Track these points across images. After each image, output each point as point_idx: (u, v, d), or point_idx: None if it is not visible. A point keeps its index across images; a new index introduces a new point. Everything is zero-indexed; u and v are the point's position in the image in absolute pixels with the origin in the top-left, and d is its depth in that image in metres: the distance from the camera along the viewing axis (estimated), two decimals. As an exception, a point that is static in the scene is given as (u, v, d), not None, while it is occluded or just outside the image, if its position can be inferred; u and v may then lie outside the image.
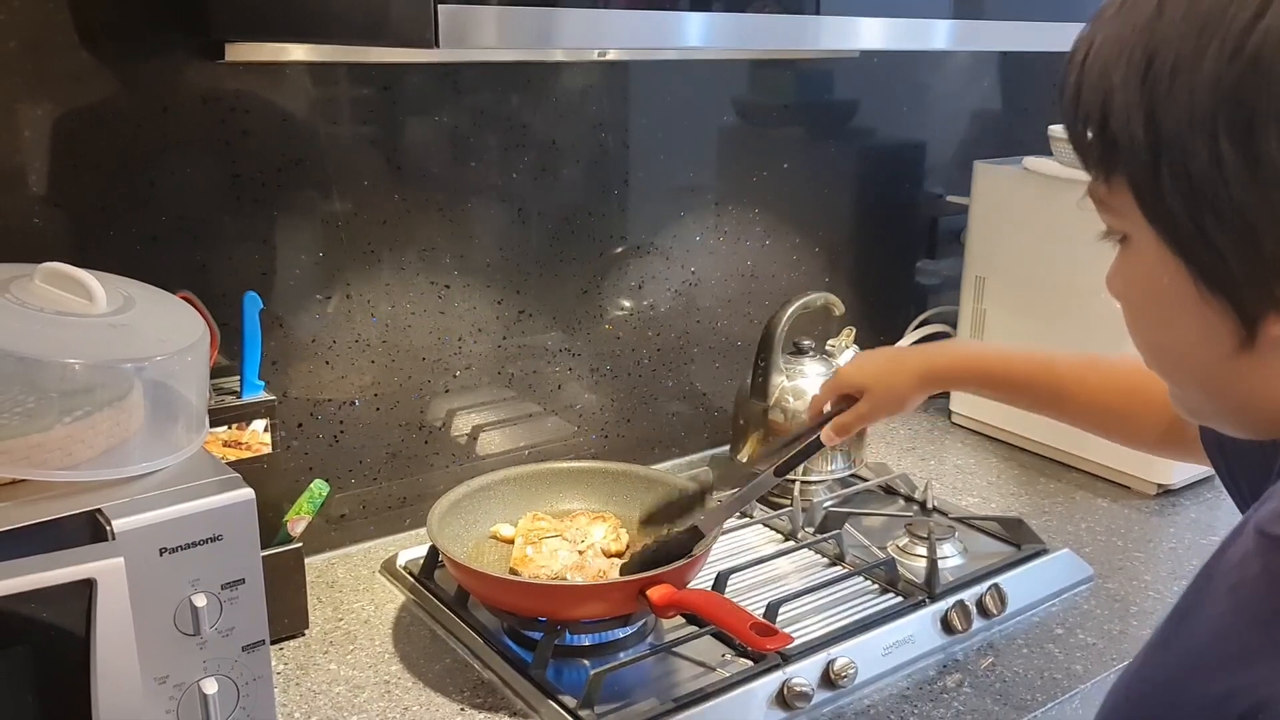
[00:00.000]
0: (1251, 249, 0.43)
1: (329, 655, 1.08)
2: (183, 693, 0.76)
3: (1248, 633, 0.49)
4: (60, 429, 0.74)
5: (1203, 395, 0.52)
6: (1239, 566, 0.53)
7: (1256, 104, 0.42)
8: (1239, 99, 0.42)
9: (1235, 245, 0.44)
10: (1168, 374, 0.53)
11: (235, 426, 1.06)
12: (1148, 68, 0.44)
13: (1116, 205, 0.48)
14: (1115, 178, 0.47)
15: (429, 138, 1.25)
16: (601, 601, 1.04)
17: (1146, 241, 0.47)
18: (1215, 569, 0.56)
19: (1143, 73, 0.44)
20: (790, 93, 1.58)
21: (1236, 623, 0.51)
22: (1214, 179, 0.43)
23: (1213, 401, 0.52)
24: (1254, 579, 0.51)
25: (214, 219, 1.13)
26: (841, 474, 1.42)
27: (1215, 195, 0.43)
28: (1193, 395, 0.53)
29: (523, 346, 1.38)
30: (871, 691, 1.03)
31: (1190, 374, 0.51)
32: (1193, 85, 0.43)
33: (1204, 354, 0.48)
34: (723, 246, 1.54)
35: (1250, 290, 0.45)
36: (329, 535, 1.28)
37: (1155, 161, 0.45)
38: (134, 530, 0.72)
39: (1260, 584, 0.51)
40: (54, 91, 1.02)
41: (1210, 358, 0.48)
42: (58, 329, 0.77)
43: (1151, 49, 0.44)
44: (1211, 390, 0.51)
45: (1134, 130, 0.45)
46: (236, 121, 1.11)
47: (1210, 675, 0.50)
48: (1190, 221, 0.45)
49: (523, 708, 0.99)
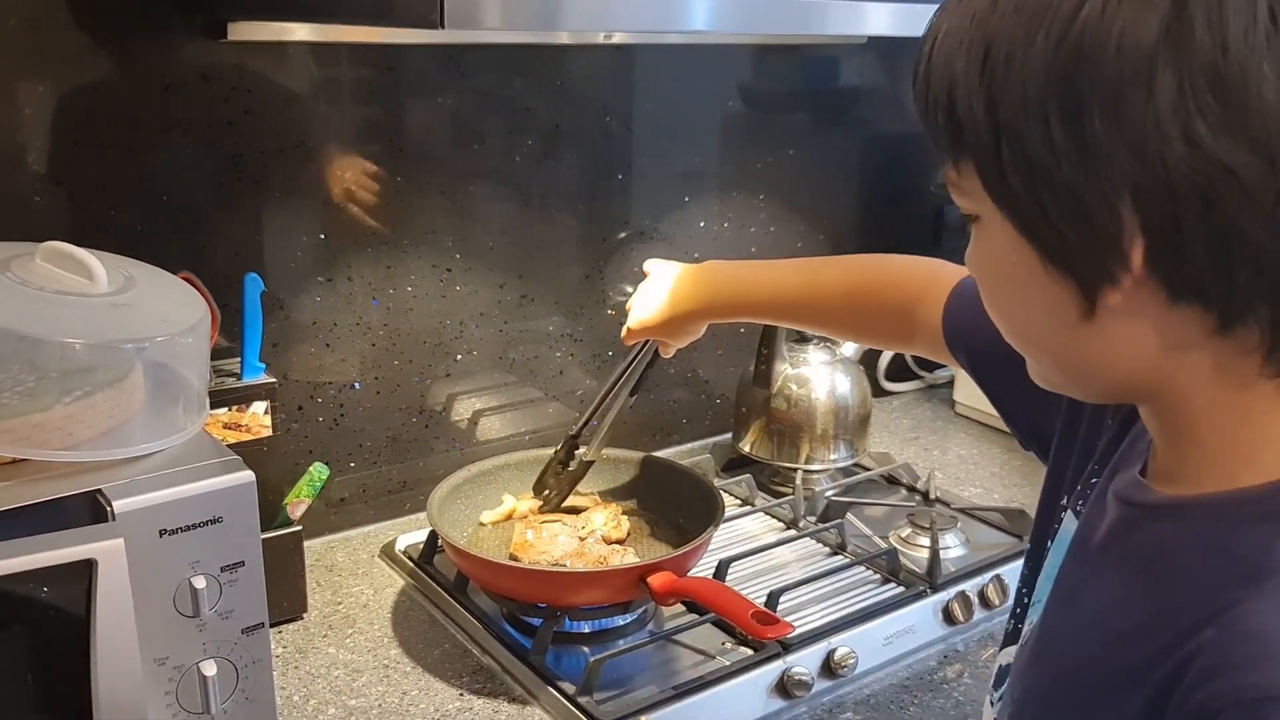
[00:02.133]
0: (1085, 225, 0.46)
1: (328, 639, 1.07)
2: (182, 674, 0.75)
3: (1148, 600, 0.52)
4: (60, 409, 0.73)
5: (1055, 365, 0.55)
6: (1114, 538, 0.56)
7: (1081, 88, 0.44)
8: (1066, 84, 0.45)
9: (1071, 222, 0.47)
10: (1023, 346, 0.56)
11: (236, 408, 1.05)
12: (985, 57, 0.47)
13: (967, 188, 0.51)
14: (963, 162, 0.50)
15: (432, 120, 1.24)
16: (601, 588, 1.04)
17: (995, 222, 0.50)
18: (1088, 547, 0.58)
19: (981, 62, 0.47)
20: (796, 79, 1.57)
21: (1132, 593, 0.53)
22: (1048, 160, 0.46)
23: (1064, 371, 0.55)
24: (1136, 548, 0.54)
25: (215, 199, 1.12)
26: (844, 463, 1.41)
27: (1050, 175, 0.46)
28: (1046, 366, 0.56)
29: (524, 331, 1.38)
30: (872, 681, 1.03)
31: (1042, 346, 0.55)
32: (1025, 73, 0.46)
33: (1052, 326, 0.51)
34: (727, 233, 1.53)
35: (1087, 264, 0.47)
36: (329, 519, 1.27)
37: (996, 145, 0.47)
38: (134, 511, 0.71)
39: (1145, 552, 0.54)
40: (55, 70, 1.01)
41: (1058, 329, 0.51)
42: (58, 308, 0.77)
43: (988, 39, 0.47)
44: (1062, 361, 0.54)
45: (976, 116, 0.48)
46: (238, 101, 1.11)
47: (1122, 648, 0.52)
48: (1030, 201, 0.47)
49: (521, 693, 0.99)
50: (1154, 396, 0.53)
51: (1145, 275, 0.46)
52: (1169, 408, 0.52)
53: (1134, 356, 0.50)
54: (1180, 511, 0.52)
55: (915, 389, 1.82)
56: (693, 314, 1.04)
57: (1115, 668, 0.52)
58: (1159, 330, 0.48)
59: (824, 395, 1.38)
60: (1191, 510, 0.52)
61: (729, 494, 1.35)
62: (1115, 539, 0.56)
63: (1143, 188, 0.44)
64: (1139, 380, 0.52)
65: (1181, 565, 0.51)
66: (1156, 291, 0.47)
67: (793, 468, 1.39)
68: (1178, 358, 0.49)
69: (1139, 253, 0.46)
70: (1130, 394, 0.55)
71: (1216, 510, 0.50)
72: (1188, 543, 0.51)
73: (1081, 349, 0.51)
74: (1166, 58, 0.43)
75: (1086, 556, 0.58)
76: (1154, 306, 0.47)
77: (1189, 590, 0.50)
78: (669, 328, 1.06)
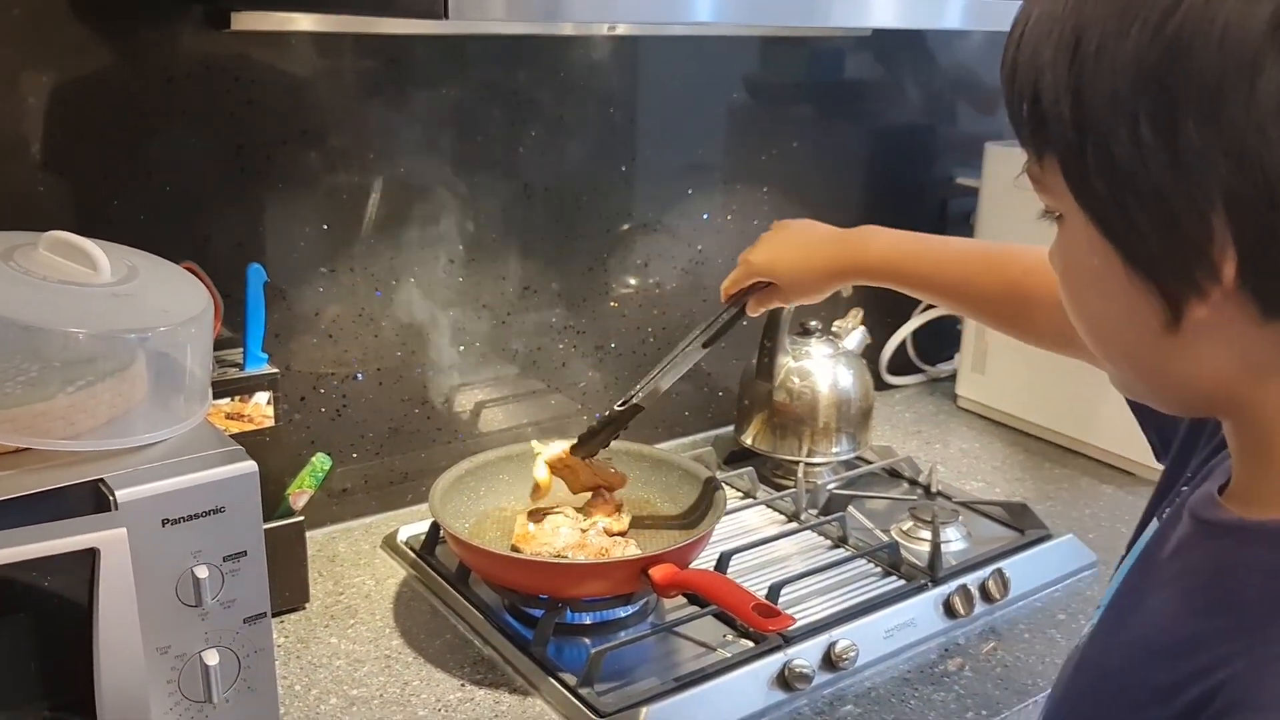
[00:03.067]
0: (1171, 231, 0.43)
1: (329, 629, 1.08)
2: (184, 663, 0.76)
3: (1194, 621, 0.50)
4: (63, 398, 0.73)
5: (1134, 373, 0.52)
6: (1179, 553, 0.54)
7: (1176, 85, 0.42)
8: (1159, 81, 0.42)
9: (1156, 228, 0.44)
10: (1102, 352, 0.53)
11: (238, 399, 1.05)
12: (1075, 47, 0.44)
13: (1050, 184, 0.48)
14: (1047, 157, 0.48)
15: (435, 111, 1.24)
16: (603, 580, 1.04)
17: (1078, 221, 0.48)
18: (1157, 556, 0.56)
19: (1071, 51, 0.44)
20: (801, 71, 1.56)
21: (1182, 611, 0.51)
22: (1135, 161, 0.43)
23: (1144, 380, 0.52)
24: (1195, 566, 0.52)
25: (218, 190, 1.12)
26: (846, 456, 1.41)
27: (1136, 178, 0.43)
28: (1126, 373, 0.53)
29: (527, 323, 1.38)
30: (873, 674, 1.03)
31: (1122, 352, 0.52)
32: (1115, 66, 0.43)
33: (1133, 334, 0.49)
34: (730, 225, 1.53)
35: (1172, 274, 0.45)
36: (330, 509, 1.28)
37: (1081, 141, 0.45)
38: (137, 501, 0.71)
39: (1202, 571, 0.51)
40: (58, 59, 1.01)
41: (1139, 338, 0.48)
42: (61, 298, 0.77)
43: (1080, 27, 0.44)
44: (1142, 369, 0.51)
45: (1062, 109, 0.45)
46: (241, 91, 1.11)
47: (1158, 665, 0.50)
48: (1113, 202, 0.45)
49: (523, 684, 0.99)
50: (1236, 413, 0.50)
51: (1235, 289, 0.43)
52: (1249, 425, 0.50)
53: (1217, 373, 0.47)
54: (1244, 534, 0.50)
55: (917, 382, 1.81)
56: (837, 271, 1.01)
57: (1147, 684, 0.50)
58: (1246, 349, 0.46)
59: (826, 388, 1.38)
60: (1256, 534, 0.49)
61: (731, 487, 1.35)
62: (1180, 554, 0.54)
63: (1237, 194, 0.41)
64: (1222, 396, 0.49)
65: (1234, 589, 0.49)
66: (1247, 307, 0.44)
67: (795, 461, 1.39)
68: (1265, 379, 0.47)
69: (1230, 265, 0.43)
70: (1212, 409, 0.52)
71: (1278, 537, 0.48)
72: (1245, 567, 0.49)
73: (1163, 360, 0.49)
74: (1274, 53, 0.40)
75: (1151, 567, 0.56)
76: (1243, 323, 0.45)
77: (1236, 617, 0.47)
78: (797, 278, 1.03)
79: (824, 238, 1.04)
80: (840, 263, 1.02)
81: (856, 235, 1.02)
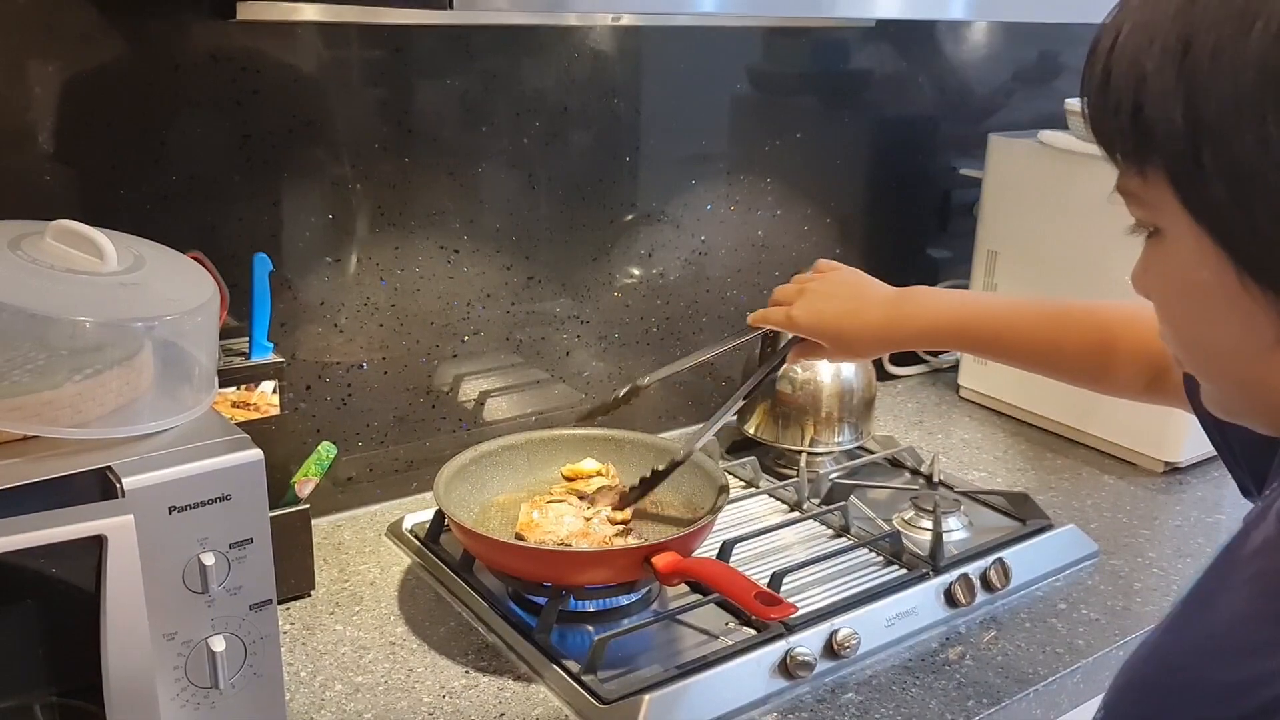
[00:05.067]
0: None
1: (335, 616, 1.08)
2: (191, 649, 0.76)
3: (1270, 624, 0.49)
4: (71, 386, 0.74)
5: (1240, 392, 0.51)
6: (1261, 553, 0.52)
7: None
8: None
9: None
10: (1203, 371, 0.52)
11: (244, 387, 1.06)
12: (1185, 52, 0.43)
13: (1150, 198, 0.47)
14: (1150, 168, 0.46)
15: (440, 101, 1.24)
16: (606, 568, 1.04)
17: (1182, 234, 0.46)
18: (1238, 553, 0.55)
19: (1179, 57, 0.43)
20: (805, 62, 1.56)
21: (1258, 612, 0.50)
22: (1261, 163, 0.42)
23: (1249, 399, 0.51)
24: (1276, 568, 0.51)
25: (224, 179, 1.12)
26: (848, 446, 1.42)
27: (1262, 180, 0.42)
28: (1229, 393, 0.52)
29: (531, 313, 1.38)
30: (874, 662, 1.03)
31: (1227, 370, 0.50)
32: (1237, 66, 0.42)
33: (1242, 350, 0.47)
34: (734, 216, 1.53)
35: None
36: (336, 497, 1.28)
37: (1195, 149, 0.44)
38: (144, 488, 0.72)
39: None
40: (64, 49, 1.01)
41: (1249, 354, 0.47)
42: (68, 286, 0.77)
43: (1188, 33, 0.43)
44: (1249, 387, 0.50)
45: (1171, 117, 0.44)
46: (247, 81, 1.11)
47: (1228, 663, 0.49)
48: (1235, 209, 0.44)
49: (526, 671, 1.00)
50: None
51: None
52: None
53: None
54: None
55: (920, 373, 1.82)
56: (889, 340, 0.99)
57: (1214, 681, 0.49)
58: None
59: (829, 378, 1.39)
60: None
61: (734, 476, 1.36)
62: (1261, 555, 0.53)
63: None
64: None
65: None
66: None
67: (797, 450, 1.39)
68: None
69: None
70: None
71: None
72: None
73: (1273, 376, 0.47)
74: None
75: (1232, 564, 0.55)
76: None
77: None
78: (845, 341, 0.99)
79: (876, 300, 0.99)
80: (894, 331, 0.97)
81: (909, 298, 0.98)
